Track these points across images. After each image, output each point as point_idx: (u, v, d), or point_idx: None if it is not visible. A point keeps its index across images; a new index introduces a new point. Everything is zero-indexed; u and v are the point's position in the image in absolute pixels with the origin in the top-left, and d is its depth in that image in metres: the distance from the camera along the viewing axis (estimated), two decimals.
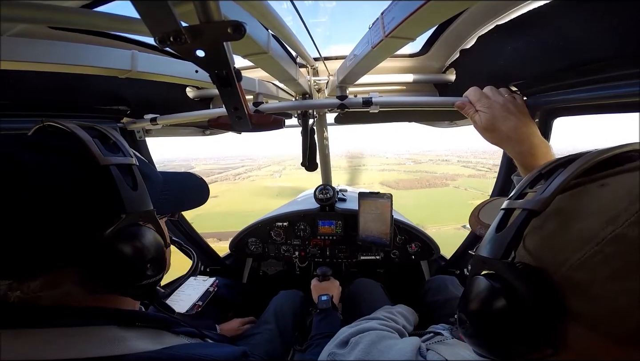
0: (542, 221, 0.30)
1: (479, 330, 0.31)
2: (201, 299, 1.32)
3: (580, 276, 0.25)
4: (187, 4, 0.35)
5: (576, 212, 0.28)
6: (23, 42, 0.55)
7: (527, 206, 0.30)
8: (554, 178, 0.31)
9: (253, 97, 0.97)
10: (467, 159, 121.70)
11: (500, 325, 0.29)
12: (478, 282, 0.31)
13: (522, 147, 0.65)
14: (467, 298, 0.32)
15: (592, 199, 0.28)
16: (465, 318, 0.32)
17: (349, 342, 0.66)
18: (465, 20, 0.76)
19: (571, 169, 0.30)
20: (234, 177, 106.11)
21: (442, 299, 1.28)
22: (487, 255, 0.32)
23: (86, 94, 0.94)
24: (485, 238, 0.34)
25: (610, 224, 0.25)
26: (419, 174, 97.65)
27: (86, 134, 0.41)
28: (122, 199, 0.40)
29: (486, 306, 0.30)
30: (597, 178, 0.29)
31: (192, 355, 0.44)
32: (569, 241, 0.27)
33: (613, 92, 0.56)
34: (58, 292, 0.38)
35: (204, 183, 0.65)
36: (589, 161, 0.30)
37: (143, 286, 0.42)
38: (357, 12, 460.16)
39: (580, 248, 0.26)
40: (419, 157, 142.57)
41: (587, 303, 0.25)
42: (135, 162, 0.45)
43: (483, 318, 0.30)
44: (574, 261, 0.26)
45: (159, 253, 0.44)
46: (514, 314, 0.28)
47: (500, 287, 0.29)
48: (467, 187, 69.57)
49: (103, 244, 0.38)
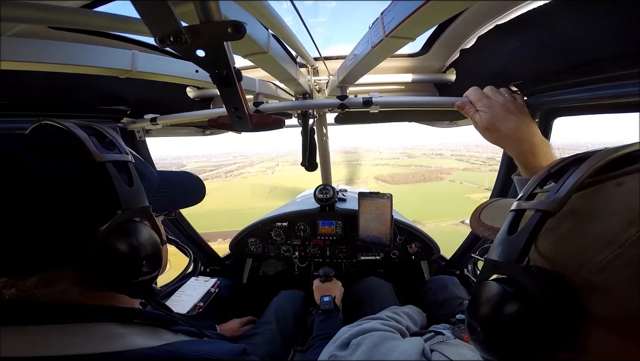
0: (556, 223, 0.29)
1: (492, 336, 0.30)
2: (202, 300, 1.32)
3: (602, 279, 0.25)
4: (187, 4, 0.35)
5: (593, 212, 0.27)
6: (23, 42, 0.55)
7: (541, 207, 0.29)
8: (568, 177, 0.29)
9: (253, 97, 0.97)
10: (460, 153, 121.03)
11: (515, 330, 0.28)
12: (489, 287, 0.30)
13: (522, 146, 0.65)
14: (478, 304, 0.31)
15: (609, 198, 0.27)
16: (476, 324, 0.31)
17: (350, 343, 0.65)
18: (465, 20, 0.76)
19: (585, 167, 0.29)
20: (225, 174, 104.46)
21: (442, 299, 1.28)
22: (499, 259, 0.31)
23: (86, 94, 0.94)
24: (496, 241, 0.33)
25: (633, 225, 0.24)
26: (413, 168, 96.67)
27: (83, 132, 0.41)
28: (117, 195, 0.40)
29: (500, 311, 0.29)
30: (613, 177, 0.28)
31: (192, 351, 0.44)
32: (588, 242, 0.26)
33: (613, 92, 0.56)
34: (54, 290, 0.38)
35: (200, 182, 0.65)
36: (603, 159, 0.29)
37: (139, 283, 0.42)
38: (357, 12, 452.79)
39: (601, 250, 0.25)
40: (412, 152, 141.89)
41: (608, 306, 0.25)
42: (131, 159, 0.45)
43: (496, 324, 0.29)
44: (594, 263, 0.25)
45: (154, 250, 0.44)
46: (531, 319, 0.27)
47: (515, 291, 0.28)
48: (462, 180, 68.26)
49: (99, 241, 0.38)
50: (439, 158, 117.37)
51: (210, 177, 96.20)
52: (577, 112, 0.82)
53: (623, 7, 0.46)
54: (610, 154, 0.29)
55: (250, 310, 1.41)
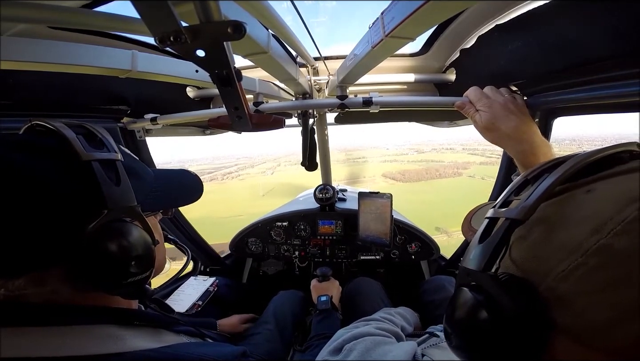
0: (528, 230, 0.29)
1: (463, 343, 0.30)
2: (201, 298, 1.32)
3: (565, 288, 0.24)
4: (187, 4, 0.35)
5: (561, 220, 0.27)
6: (23, 42, 0.55)
7: (510, 215, 0.29)
8: (539, 184, 0.29)
9: (253, 97, 0.97)
10: (472, 147, 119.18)
11: (483, 338, 0.28)
12: (462, 294, 0.30)
13: (522, 146, 0.65)
14: (452, 310, 0.31)
15: (577, 206, 0.27)
16: (450, 330, 0.32)
17: (342, 349, 0.64)
18: (465, 20, 0.76)
19: (556, 174, 0.29)
20: (222, 176, 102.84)
21: (439, 299, 1.27)
22: (471, 267, 0.31)
23: (86, 94, 0.94)
24: (469, 248, 0.33)
25: (595, 233, 0.23)
26: (425, 164, 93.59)
27: (71, 132, 0.41)
28: (103, 194, 0.39)
29: (469, 318, 0.29)
30: (584, 183, 0.28)
31: (191, 354, 0.44)
32: (554, 251, 0.26)
33: (613, 92, 0.56)
34: (45, 290, 0.38)
35: (198, 179, 0.64)
36: (575, 165, 0.28)
37: (129, 284, 0.41)
38: (357, 12, 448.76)
39: (565, 259, 0.25)
40: (421, 147, 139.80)
41: (572, 316, 0.24)
42: (120, 158, 0.44)
43: (466, 331, 0.29)
44: (558, 272, 0.25)
45: (144, 250, 0.43)
46: (497, 327, 0.26)
47: (483, 299, 0.28)
48: (483, 176, 64.28)
49: (85, 241, 0.37)
50: (450, 152, 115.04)
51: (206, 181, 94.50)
52: (577, 112, 0.82)
53: (623, 7, 0.46)
54: (584, 159, 0.29)
55: (250, 310, 1.41)
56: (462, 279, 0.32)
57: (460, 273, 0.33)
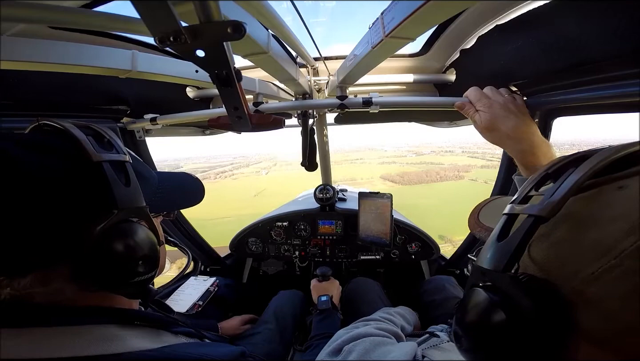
0: (551, 228, 0.27)
1: (476, 347, 0.29)
2: (201, 298, 1.32)
3: (594, 291, 0.23)
4: (187, 4, 0.35)
5: (590, 218, 0.25)
6: (23, 42, 0.55)
7: (534, 212, 0.27)
8: (565, 179, 0.27)
9: (253, 97, 0.97)
10: (471, 150, 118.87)
11: (500, 342, 0.26)
12: (476, 294, 0.29)
13: (522, 146, 0.65)
14: (464, 312, 0.29)
15: (608, 203, 0.25)
16: (461, 332, 0.30)
17: (342, 350, 0.64)
18: (465, 20, 0.76)
19: (585, 168, 0.26)
20: (215, 175, 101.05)
21: (439, 299, 1.28)
22: (487, 266, 0.29)
23: (86, 94, 0.94)
24: (485, 246, 0.31)
25: (632, 234, 0.22)
26: (425, 166, 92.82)
27: (80, 132, 0.41)
28: (114, 195, 0.40)
29: (485, 321, 0.27)
30: (615, 179, 0.26)
31: (191, 354, 0.44)
32: (582, 251, 0.24)
33: (613, 92, 0.56)
34: (50, 289, 0.38)
35: (199, 182, 0.65)
36: (605, 158, 0.26)
37: (135, 284, 0.42)
38: (357, 12, 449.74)
39: (596, 260, 0.23)
40: (419, 149, 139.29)
41: (599, 320, 0.23)
42: (129, 159, 0.45)
43: (481, 334, 0.28)
44: (587, 274, 0.23)
45: (151, 250, 0.43)
46: (516, 331, 0.25)
47: (500, 301, 0.26)
48: (486, 179, 62.55)
49: (94, 240, 0.37)
50: (450, 155, 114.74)
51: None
52: (577, 112, 0.82)
53: (622, 7, 0.46)
54: (613, 154, 0.27)
55: (251, 309, 1.42)
56: (476, 279, 0.30)
57: (473, 272, 0.31)
